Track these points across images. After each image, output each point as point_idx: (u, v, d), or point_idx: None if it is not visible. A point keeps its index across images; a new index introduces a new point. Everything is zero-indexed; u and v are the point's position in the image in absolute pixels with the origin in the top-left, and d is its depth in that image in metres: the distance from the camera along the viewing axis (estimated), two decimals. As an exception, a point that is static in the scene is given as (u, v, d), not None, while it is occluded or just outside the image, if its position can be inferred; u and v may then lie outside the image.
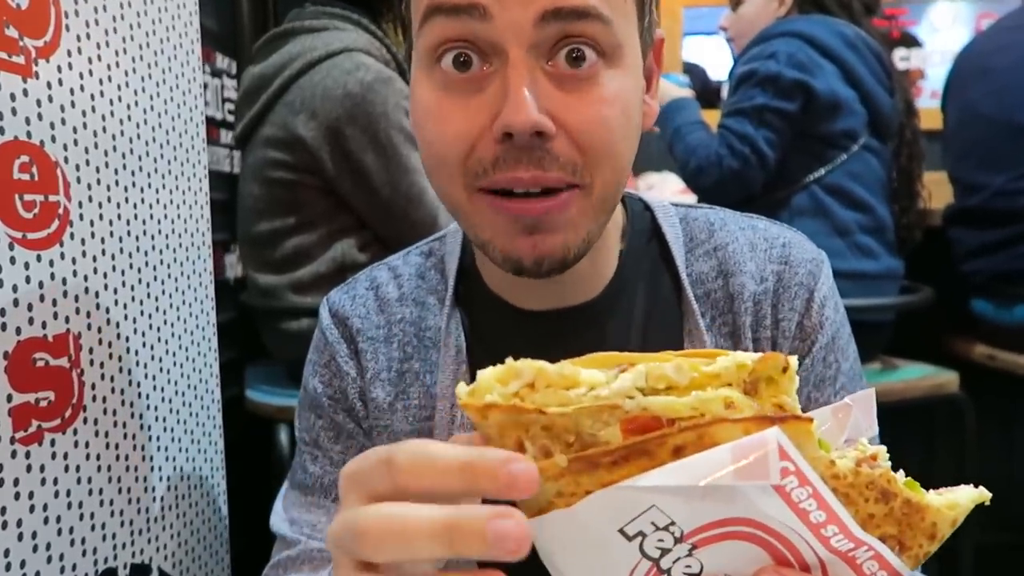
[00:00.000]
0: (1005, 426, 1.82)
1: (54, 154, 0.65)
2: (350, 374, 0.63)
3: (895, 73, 1.51)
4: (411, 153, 1.21)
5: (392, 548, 0.29)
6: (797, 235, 0.62)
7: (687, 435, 0.28)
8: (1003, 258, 1.49)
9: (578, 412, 0.29)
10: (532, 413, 0.29)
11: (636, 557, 0.30)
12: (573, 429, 0.29)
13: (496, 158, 0.48)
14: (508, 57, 0.47)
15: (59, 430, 0.65)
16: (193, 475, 0.86)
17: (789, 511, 0.28)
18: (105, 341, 0.72)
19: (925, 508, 0.30)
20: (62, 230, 0.66)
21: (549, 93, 0.48)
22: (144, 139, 0.78)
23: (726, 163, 1.40)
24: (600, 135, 0.49)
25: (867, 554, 0.30)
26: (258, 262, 1.32)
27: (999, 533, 1.70)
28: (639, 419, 0.29)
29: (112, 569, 0.72)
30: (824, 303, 0.59)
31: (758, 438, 0.27)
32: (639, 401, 0.29)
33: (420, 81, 0.51)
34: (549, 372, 0.29)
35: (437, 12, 0.48)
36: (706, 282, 0.60)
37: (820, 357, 0.59)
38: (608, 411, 0.29)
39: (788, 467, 0.27)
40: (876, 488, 0.30)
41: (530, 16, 0.46)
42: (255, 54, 1.33)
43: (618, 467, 0.28)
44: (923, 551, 0.31)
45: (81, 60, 0.69)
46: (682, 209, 0.64)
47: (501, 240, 0.51)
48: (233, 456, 0.97)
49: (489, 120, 0.48)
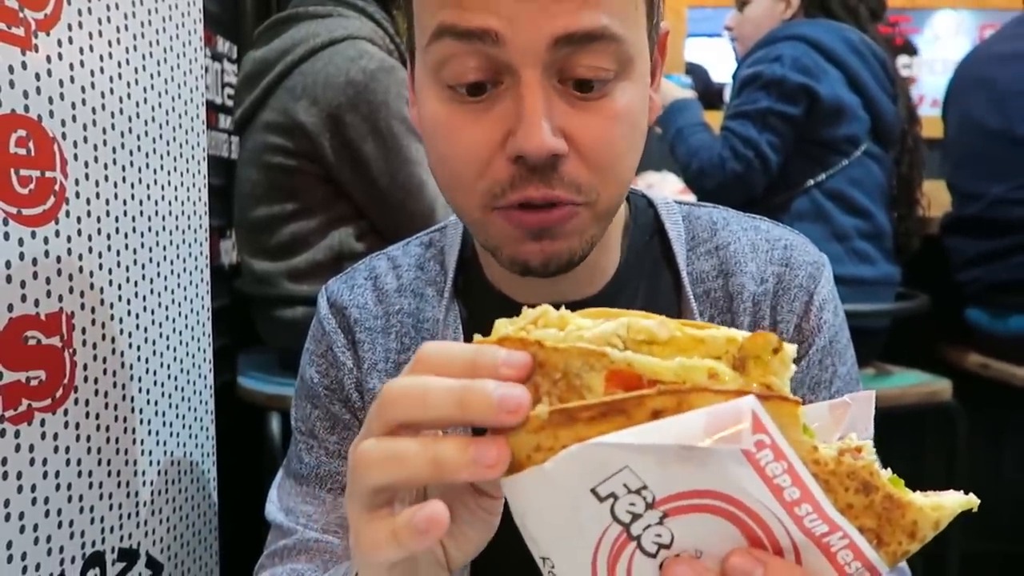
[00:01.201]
0: (996, 435, 1.83)
1: (52, 129, 0.64)
2: (347, 364, 0.63)
3: (898, 80, 1.51)
4: (411, 143, 1.20)
5: (414, 409, 0.33)
6: (799, 238, 0.63)
7: (667, 399, 0.28)
8: (999, 268, 1.50)
9: (570, 351, 0.30)
10: (533, 345, 0.31)
11: (607, 521, 0.30)
12: (562, 368, 0.30)
13: (511, 178, 0.49)
14: (520, 77, 0.47)
15: (49, 410, 0.64)
16: (184, 460, 0.85)
17: (762, 484, 0.28)
18: (98, 322, 0.71)
19: (907, 505, 0.30)
20: (58, 207, 0.65)
21: (562, 112, 0.48)
22: (144, 118, 0.77)
23: (729, 166, 1.40)
24: (610, 153, 0.50)
25: (842, 542, 0.29)
26: (254, 248, 1.31)
27: (986, 542, 1.71)
28: (622, 373, 0.29)
29: (99, 552, 0.71)
30: (823, 306, 0.59)
31: (733, 405, 0.27)
32: (625, 355, 0.30)
33: (429, 89, 0.51)
34: (550, 313, 0.32)
35: (448, 34, 0.47)
36: (706, 281, 0.60)
37: (816, 360, 0.59)
38: (598, 356, 0.30)
39: (763, 439, 0.27)
40: (857, 479, 0.29)
41: (543, 41, 0.46)
42: (257, 38, 1.32)
43: (596, 423, 0.28)
44: (902, 549, 0.30)
45: (82, 35, 0.68)
46: (685, 207, 0.64)
47: (510, 247, 0.52)
48: (224, 443, 0.96)
49: (501, 137, 0.48)
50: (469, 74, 0.48)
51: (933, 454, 1.64)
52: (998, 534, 1.75)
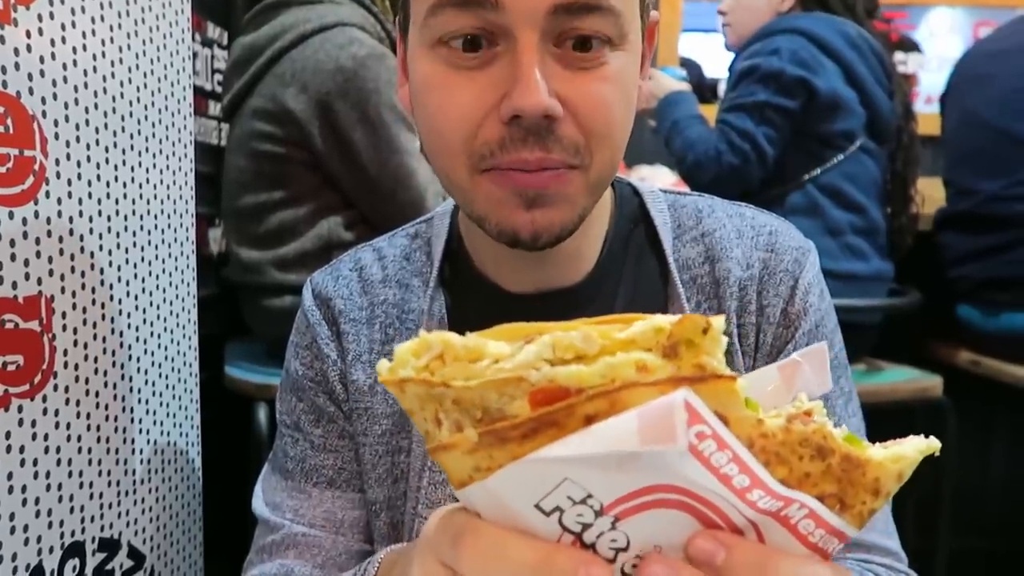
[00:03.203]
0: (985, 432, 1.83)
1: (31, 107, 0.62)
2: (331, 356, 0.62)
3: (895, 75, 1.50)
4: (401, 132, 1.19)
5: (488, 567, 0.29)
6: (784, 224, 0.63)
7: (598, 403, 0.26)
8: (992, 264, 1.50)
9: (482, 386, 0.28)
10: (439, 387, 0.28)
11: (557, 532, 0.29)
12: (479, 403, 0.28)
13: (502, 140, 0.48)
14: (517, 40, 0.47)
15: (27, 396, 0.63)
16: (168, 449, 0.83)
17: (711, 476, 0.27)
18: (79, 306, 0.69)
19: (866, 463, 0.29)
20: (37, 187, 0.63)
21: (557, 74, 0.48)
22: (128, 99, 0.75)
23: (725, 159, 1.39)
24: (604, 115, 0.50)
25: (800, 512, 0.28)
26: (242, 236, 1.29)
27: (975, 538, 1.72)
28: (546, 390, 0.28)
29: (79, 543, 0.69)
30: (808, 290, 0.59)
31: (665, 401, 0.26)
32: (545, 372, 0.28)
33: (422, 56, 0.51)
34: (455, 345, 0.29)
35: (447, 5, 0.48)
36: (693, 267, 0.60)
37: (803, 343, 0.58)
38: (513, 384, 0.28)
39: (704, 430, 0.26)
40: (811, 445, 0.28)
41: (542, 8, 0.47)
42: (246, 24, 1.30)
43: (528, 440, 0.27)
44: (867, 508, 0.29)
45: (63, 11, 0.66)
46: (671, 196, 0.64)
47: (499, 213, 0.51)
48: (211, 433, 0.94)
49: (495, 99, 0.48)
50: (466, 29, 0.48)
51: (923, 450, 1.64)
52: (987, 530, 1.76)
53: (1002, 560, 1.78)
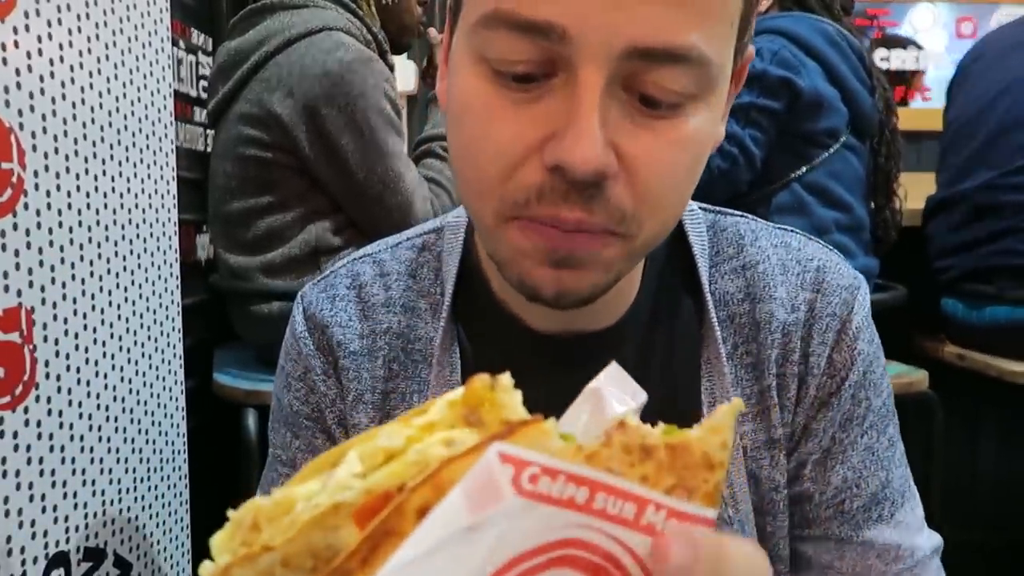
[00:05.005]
0: (972, 426, 1.84)
1: (8, 119, 0.63)
2: (328, 394, 0.56)
3: (875, 71, 1.51)
4: (389, 136, 1.19)
5: None
6: (833, 256, 0.57)
7: (423, 492, 0.25)
8: (979, 254, 1.50)
9: (302, 531, 0.26)
10: (261, 554, 0.26)
11: None
12: (308, 551, 0.26)
13: (541, 189, 0.41)
14: (579, 78, 0.39)
15: (9, 408, 0.63)
16: (153, 458, 0.83)
17: (562, 510, 0.26)
18: (60, 317, 0.69)
19: (688, 444, 0.28)
20: (15, 199, 0.63)
21: (618, 124, 0.40)
22: (107, 109, 0.76)
23: (715, 163, 1.39)
24: (663, 183, 0.42)
25: (659, 515, 0.28)
26: (229, 242, 1.29)
27: (964, 531, 1.73)
28: (368, 505, 0.26)
29: (64, 553, 0.69)
30: (857, 335, 0.54)
31: (480, 463, 0.25)
32: (358, 487, 0.26)
33: (465, 64, 0.43)
34: (264, 506, 0.27)
35: (502, 24, 0.39)
36: (731, 304, 0.54)
37: (849, 395, 0.53)
38: (332, 514, 0.26)
39: (534, 472, 0.25)
40: (634, 449, 0.28)
41: (616, 48, 0.38)
42: (231, 29, 1.30)
43: (370, 563, 0.25)
44: (711, 484, 0.29)
45: (40, 23, 0.66)
46: (711, 215, 0.57)
47: (522, 265, 0.44)
48: (200, 440, 0.94)
49: (541, 137, 0.40)
50: (520, 66, 0.40)
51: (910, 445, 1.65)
52: (975, 523, 1.77)
53: (991, 553, 1.80)
